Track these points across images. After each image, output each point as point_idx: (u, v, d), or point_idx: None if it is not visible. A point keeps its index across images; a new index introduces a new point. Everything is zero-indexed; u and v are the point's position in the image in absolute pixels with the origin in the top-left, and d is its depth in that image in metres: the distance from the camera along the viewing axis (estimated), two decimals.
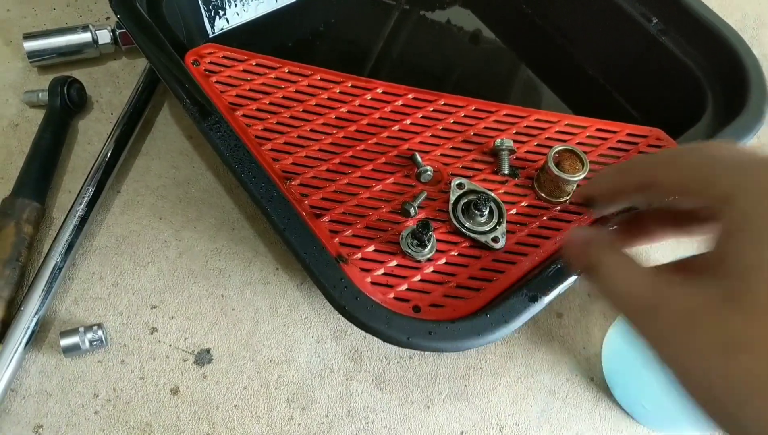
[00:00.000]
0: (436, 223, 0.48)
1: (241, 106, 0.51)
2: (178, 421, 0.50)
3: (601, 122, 0.55)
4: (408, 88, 0.54)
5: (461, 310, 0.44)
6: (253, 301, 0.55)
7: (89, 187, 0.56)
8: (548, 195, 0.50)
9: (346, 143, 0.51)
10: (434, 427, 0.52)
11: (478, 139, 0.53)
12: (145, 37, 0.51)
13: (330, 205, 0.47)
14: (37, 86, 0.63)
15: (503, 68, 0.71)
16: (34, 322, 0.50)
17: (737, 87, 0.57)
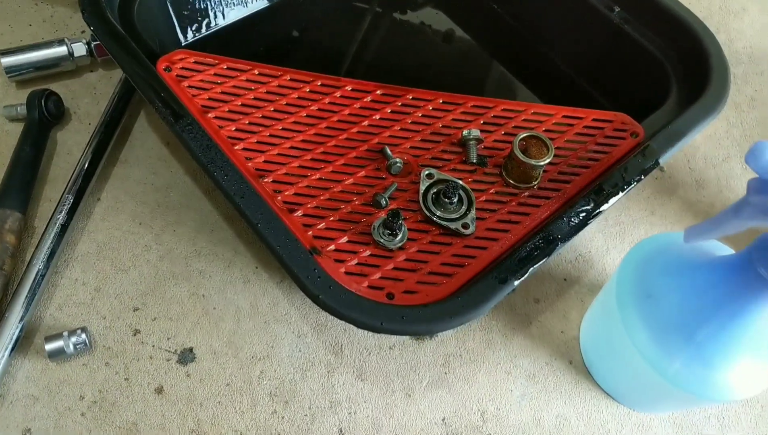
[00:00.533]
0: (407, 212, 0.49)
1: (213, 109, 0.52)
2: (164, 420, 0.50)
3: (567, 109, 0.56)
4: (376, 84, 0.56)
5: (434, 296, 0.45)
6: (234, 299, 0.56)
7: (69, 195, 0.57)
8: (517, 181, 0.51)
9: (317, 140, 0.52)
10: (416, 415, 0.53)
11: (447, 131, 0.54)
12: (117, 46, 0.52)
13: (303, 200, 0.49)
14: (15, 100, 0.64)
15: (477, 66, 0.73)
16: (19, 328, 0.51)
17: (699, 70, 0.58)
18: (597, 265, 0.61)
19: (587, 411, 0.54)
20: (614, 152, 0.54)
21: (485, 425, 0.53)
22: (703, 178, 0.69)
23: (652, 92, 0.61)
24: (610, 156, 0.53)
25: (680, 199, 0.67)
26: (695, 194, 0.68)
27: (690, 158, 0.71)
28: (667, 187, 0.68)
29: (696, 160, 0.71)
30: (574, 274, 0.61)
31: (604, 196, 0.49)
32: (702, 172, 0.70)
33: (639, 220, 0.65)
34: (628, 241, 0.64)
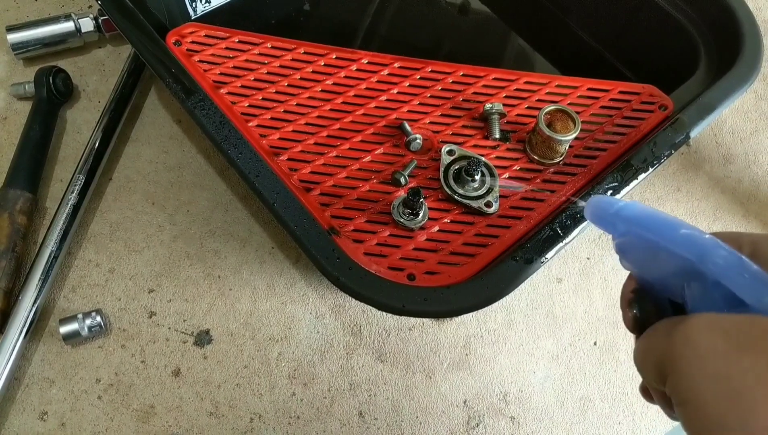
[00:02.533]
0: (427, 191, 0.47)
1: (225, 84, 0.50)
2: (181, 402, 0.50)
3: (592, 81, 0.54)
4: (394, 57, 0.54)
5: (456, 277, 0.44)
6: (250, 280, 0.55)
7: (80, 175, 0.56)
8: (541, 157, 0.49)
9: (333, 116, 0.50)
10: (437, 397, 0.52)
11: (468, 105, 0.52)
12: (124, 20, 0.51)
13: (320, 179, 0.47)
14: (23, 78, 0.62)
15: (494, 38, 0.70)
16: (33, 311, 0.50)
17: (730, 39, 0.56)
18: None
19: (612, 393, 0.53)
20: (642, 126, 0.52)
21: (508, 407, 0.52)
22: (731, 152, 0.67)
23: (679, 63, 0.59)
24: (638, 130, 0.51)
25: (706, 174, 0.65)
26: (722, 170, 0.66)
27: (717, 132, 0.69)
28: (693, 162, 0.66)
29: (723, 135, 0.68)
30: (597, 253, 0.59)
31: (632, 172, 0.47)
32: (729, 146, 0.68)
33: (664, 197, 0.63)
34: None
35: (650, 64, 0.62)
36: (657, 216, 0.26)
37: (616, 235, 0.27)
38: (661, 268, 0.26)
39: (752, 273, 0.23)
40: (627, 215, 0.26)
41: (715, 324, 0.22)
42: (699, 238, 0.24)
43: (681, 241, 0.25)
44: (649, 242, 0.25)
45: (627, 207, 0.27)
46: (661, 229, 0.25)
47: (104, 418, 0.49)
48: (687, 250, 0.24)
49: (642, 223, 0.26)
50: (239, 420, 0.49)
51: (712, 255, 0.24)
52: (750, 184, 0.65)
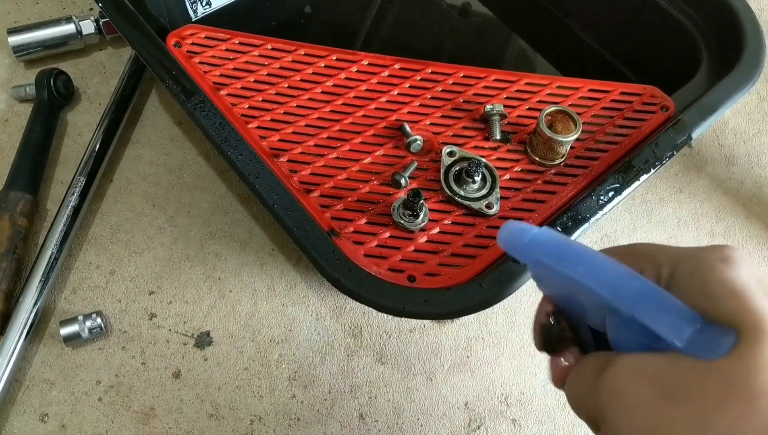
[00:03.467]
0: (428, 192, 0.47)
1: (225, 85, 0.50)
2: (181, 404, 0.50)
3: (593, 82, 0.54)
4: (394, 58, 0.54)
5: (457, 278, 0.44)
6: (250, 282, 0.55)
7: (81, 177, 0.56)
8: (542, 158, 0.49)
9: (333, 117, 0.50)
10: (438, 399, 0.51)
11: (468, 106, 0.52)
12: (125, 22, 0.51)
13: (319, 180, 0.47)
14: (24, 81, 0.62)
15: (495, 39, 0.70)
16: (33, 313, 0.50)
17: (732, 39, 0.55)
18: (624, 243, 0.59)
19: None
20: (644, 127, 0.51)
21: (509, 410, 0.51)
22: (733, 154, 0.67)
23: (681, 64, 0.58)
24: (639, 131, 0.51)
25: (709, 176, 0.65)
26: (725, 171, 0.66)
27: (719, 133, 0.68)
28: (695, 163, 0.66)
29: (725, 136, 0.68)
30: None
31: (634, 174, 0.47)
32: (732, 147, 0.67)
33: (666, 199, 0.63)
34: (654, 220, 0.61)
35: (652, 64, 0.62)
36: (569, 247, 0.24)
37: (531, 263, 0.26)
38: (578, 298, 0.25)
39: (668, 307, 0.22)
40: (538, 245, 0.25)
41: (639, 371, 0.21)
42: (611, 272, 0.23)
43: (592, 275, 0.23)
44: (562, 273, 0.24)
45: (538, 236, 0.25)
46: (572, 262, 0.24)
47: (104, 420, 0.49)
48: (598, 286, 0.23)
49: (553, 255, 0.24)
50: (239, 422, 0.49)
51: (624, 290, 0.22)
52: (753, 185, 0.65)
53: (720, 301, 0.21)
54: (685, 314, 0.22)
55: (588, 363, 0.24)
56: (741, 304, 0.21)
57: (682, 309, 0.22)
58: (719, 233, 0.61)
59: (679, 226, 0.61)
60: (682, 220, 0.62)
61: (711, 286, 0.21)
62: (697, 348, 0.21)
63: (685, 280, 0.23)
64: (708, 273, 0.22)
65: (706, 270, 0.22)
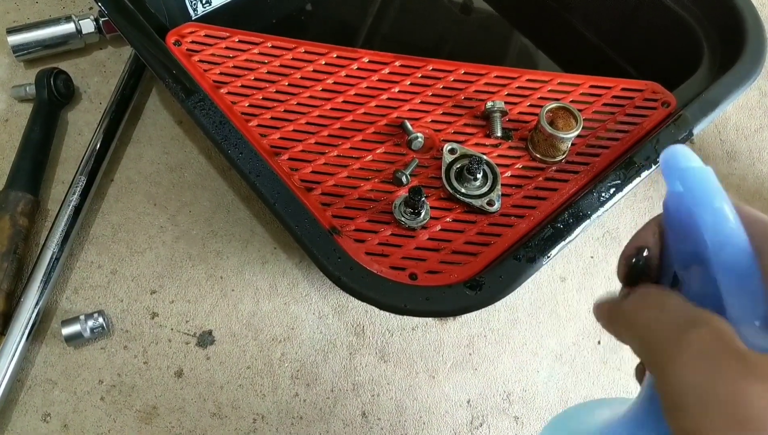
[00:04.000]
0: (429, 190, 0.47)
1: (225, 84, 0.50)
2: (184, 403, 0.50)
3: (594, 79, 0.54)
4: (395, 55, 0.53)
5: (459, 276, 0.44)
6: (252, 281, 0.55)
7: (81, 176, 0.56)
8: (543, 155, 0.49)
9: (334, 115, 0.50)
10: (440, 397, 0.51)
11: (469, 103, 0.52)
12: (124, 20, 0.50)
13: (320, 178, 0.47)
14: (24, 80, 0.62)
15: (496, 36, 0.70)
16: (35, 312, 0.50)
17: (733, 35, 0.55)
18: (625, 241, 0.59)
19: (616, 392, 0.53)
20: (645, 123, 0.51)
21: (511, 407, 0.51)
22: (735, 149, 0.67)
23: (682, 59, 0.58)
24: (640, 127, 0.51)
25: None
26: (726, 167, 0.65)
27: (721, 129, 0.68)
28: None
29: (727, 132, 0.68)
30: (601, 251, 0.59)
31: (635, 170, 0.47)
32: (733, 143, 0.67)
33: None
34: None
35: (653, 60, 0.62)
36: (714, 193, 0.24)
37: (671, 191, 0.26)
38: (685, 240, 0.25)
39: (749, 292, 0.22)
40: (688, 177, 0.25)
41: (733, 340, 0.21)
42: (729, 229, 0.23)
43: (712, 223, 0.23)
44: (690, 211, 0.24)
45: (693, 170, 0.25)
46: (707, 207, 0.24)
47: (107, 420, 0.49)
48: (711, 234, 0.23)
49: (693, 191, 0.24)
50: (242, 421, 0.49)
51: (727, 253, 0.23)
52: (754, 181, 0.64)
53: None
54: (758, 305, 0.22)
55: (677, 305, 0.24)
56: None
57: (759, 300, 0.22)
58: None
59: None
60: None
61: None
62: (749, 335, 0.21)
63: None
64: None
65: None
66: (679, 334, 0.22)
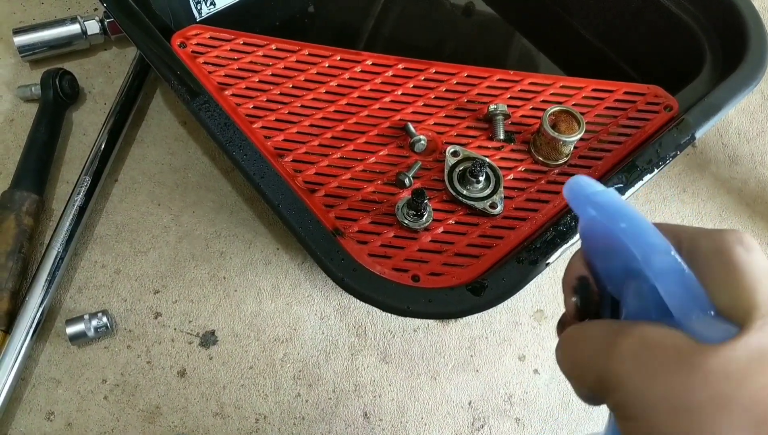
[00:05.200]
0: (432, 192, 0.47)
1: (230, 86, 0.50)
2: (187, 403, 0.50)
3: (597, 82, 0.54)
4: (398, 58, 0.54)
5: (461, 278, 0.44)
6: (255, 281, 0.55)
7: (86, 176, 0.56)
8: (546, 158, 0.49)
9: (337, 117, 0.50)
10: (442, 399, 0.52)
11: (472, 106, 0.52)
12: (129, 22, 0.51)
13: (324, 180, 0.47)
14: (29, 81, 0.63)
15: (498, 39, 0.70)
16: (39, 312, 0.51)
17: (736, 38, 0.55)
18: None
19: None
20: (647, 127, 0.51)
21: (512, 409, 0.52)
22: (737, 153, 0.67)
23: (684, 63, 0.58)
24: (643, 131, 0.51)
25: (712, 175, 0.65)
26: (728, 171, 0.66)
27: (723, 133, 0.68)
28: (699, 163, 0.66)
29: (729, 135, 0.68)
30: None
31: (637, 174, 0.47)
32: (735, 147, 0.67)
33: (670, 198, 0.63)
34: (658, 220, 0.61)
35: (655, 64, 0.62)
36: (624, 207, 0.25)
37: (584, 218, 0.27)
38: (612, 260, 0.26)
39: (688, 287, 0.23)
40: (598, 201, 0.26)
41: (662, 339, 0.22)
42: (651, 238, 0.24)
43: (633, 234, 0.24)
44: (608, 231, 0.25)
45: (601, 193, 0.26)
46: (622, 219, 0.25)
47: (110, 419, 0.49)
48: (637, 246, 0.24)
49: (607, 211, 0.25)
50: (244, 421, 0.50)
51: (655, 257, 0.23)
52: (756, 185, 0.65)
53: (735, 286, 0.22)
54: (700, 299, 0.22)
55: (600, 326, 0.24)
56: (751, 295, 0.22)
57: (700, 294, 0.23)
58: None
59: None
60: (686, 219, 0.62)
61: (732, 266, 0.22)
62: (699, 329, 0.22)
63: (707, 256, 0.24)
64: (729, 254, 0.23)
65: (727, 250, 0.23)
66: (607, 353, 0.23)
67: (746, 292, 0.22)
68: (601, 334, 0.24)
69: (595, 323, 0.25)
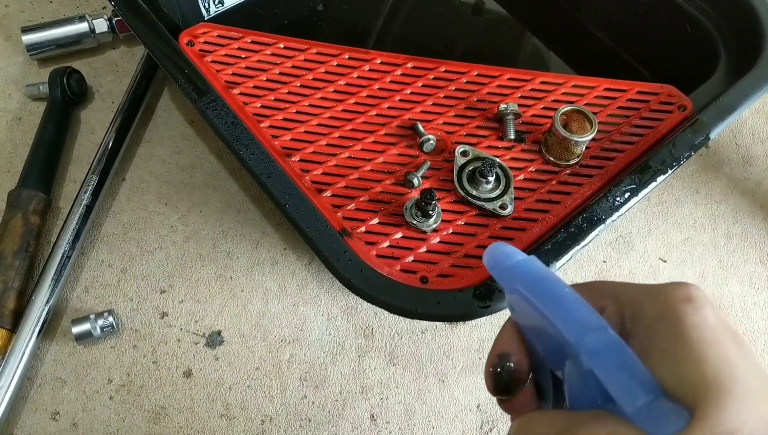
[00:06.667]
0: (441, 192, 0.46)
1: (237, 84, 0.50)
2: (192, 403, 0.50)
3: (609, 81, 0.53)
4: (407, 57, 0.53)
5: (470, 280, 0.43)
6: (262, 281, 0.55)
7: (93, 175, 0.56)
8: (557, 158, 0.48)
9: (345, 116, 0.50)
10: (450, 401, 0.51)
11: (482, 105, 0.51)
12: (137, 20, 0.51)
13: (331, 180, 0.47)
14: (38, 79, 0.63)
15: (508, 38, 0.69)
16: (45, 310, 0.51)
17: (751, 37, 0.55)
18: (638, 246, 0.59)
19: None
20: (661, 127, 0.51)
21: None
22: (751, 154, 0.66)
23: (698, 62, 0.57)
24: (656, 131, 0.50)
25: (726, 176, 0.64)
26: (742, 171, 0.64)
27: (736, 133, 0.67)
28: (712, 163, 0.65)
29: (743, 136, 0.67)
30: (614, 256, 0.58)
31: (650, 174, 0.46)
32: (749, 148, 0.66)
33: (683, 199, 0.62)
34: (670, 221, 0.61)
35: (669, 63, 0.61)
36: (547, 281, 0.23)
37: (508, 291, 0.25)
38: (547, 337, 0.24)
39: (627, 368, 0.20)
40: (519, 274, 0.24)
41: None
42: (581, 316, 0.22)
43: (562, 315, 0.22)
44: (533, 308, 0.23)
45: (521, 265, 0.24)
46: (546, 298, 0.23)
47: (116, 419, 0.49)
48: (566, 328, 0.22)
49: (530, 286, 0.23)
50: (250, 422, 0.49)
51: (588, 337, 0.21)
52: None
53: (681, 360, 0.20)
54: (643, 380, 0.20)
55: (543, 425, 0.22)
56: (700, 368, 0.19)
57: (642, 374, 0.20)
58: (736, 235, 0.60)
59: (695, 228, 0.60)
60: (699, 221, 0.61)
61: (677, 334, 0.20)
62: (647, 420, 0.20)
63: (650, 323, 0.21)
64: (675, 318, 0.21)
65: (672, 313, 0.21)
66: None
67: (694, 364, 0.19)
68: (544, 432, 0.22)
69: (537, 420, 0.23)
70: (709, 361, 0.19)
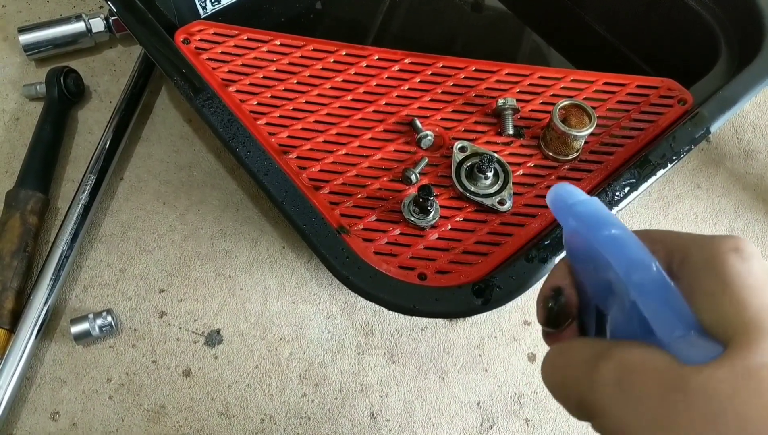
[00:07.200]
0: (439, 188, 0.46)
1: (234, 82, 0.50)
2: (192, 402, 0.49)
3: (608, 75, 0.53)
4: (405, 52, 0.53)
5: (469, 276, 0.43)
6: (261, 280, 0.55)
7: (91, 175, 0.56)
8: (556, 153, 0.48)
9: (342, 113, 0.50)
10: (450, 399, 0.51)
11: (480, 101, 0.51)
12: (133, 18, 0.50)
13: (329, 177, 0.46)
14: (35, 79, 0.62)
15: (508, 33, 0.69)
16: (44, 310, 0.51)
17: (751, 30, 0.54)
18: None
19: None
20: (660, 121, 0.50)
21: (522, 409, 0.51)
22: (752, 148, 0.65)
23: (699, 56, 0.57)
24: (656, 125, 0.50)
25: (727, 171, 0.63)
26: (743, 166, 0.64)
27: (738, 127, 0.67)
28: (714, 158, 0.64)
29: (744, 130, 0.67)
30: None
31: (650, 169, 0.46)
32: (751, 142, 0.66)
33: (684, 194, 0.62)
34: (671, 217, 0.60)
35: (669, 57, 0.60)
36: (606, 219, 0.24)
37: (566, 228, 0.26)
38: (596, 272, 0.25)
39: (670, 303, 0.21)
40: (578, 211, 0.25)
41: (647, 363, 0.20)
42: (632, 252, 0.23)
43: (614, 249, 0.23)
44: (590, 244, 0.24)
45: (582, 203, 0.25)
46: (602, 231, 0.24)
47: (115, 418, 0.49)
48: (617, 260, 0.23)
49: (588, 223, 0.24)
50: (250, 420, 0.49)
51: (636, 273, 0.22)
52: None
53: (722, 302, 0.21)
54: (683, 315, 0.21)
55: (582, 348, 0.23)
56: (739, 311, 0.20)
57: (684, 310, 0.21)
58: (738, 229, 0.60)
59: (696, 223, 0.60)
60: (700, 216, 0.60)
61: (721, 279, 0.21)
62: (682, 348, 0.21)
63: (697, 267, 0.22)
64: (720, 264, 0.21)
65: (718, 260, 0.22)
66: (588, 379, 0.22)
67: (733, 307, 0.20)
68: (582, 357, 0.23)
69: (577, 345, 0.24)
70: (750, 307, 0.20)
